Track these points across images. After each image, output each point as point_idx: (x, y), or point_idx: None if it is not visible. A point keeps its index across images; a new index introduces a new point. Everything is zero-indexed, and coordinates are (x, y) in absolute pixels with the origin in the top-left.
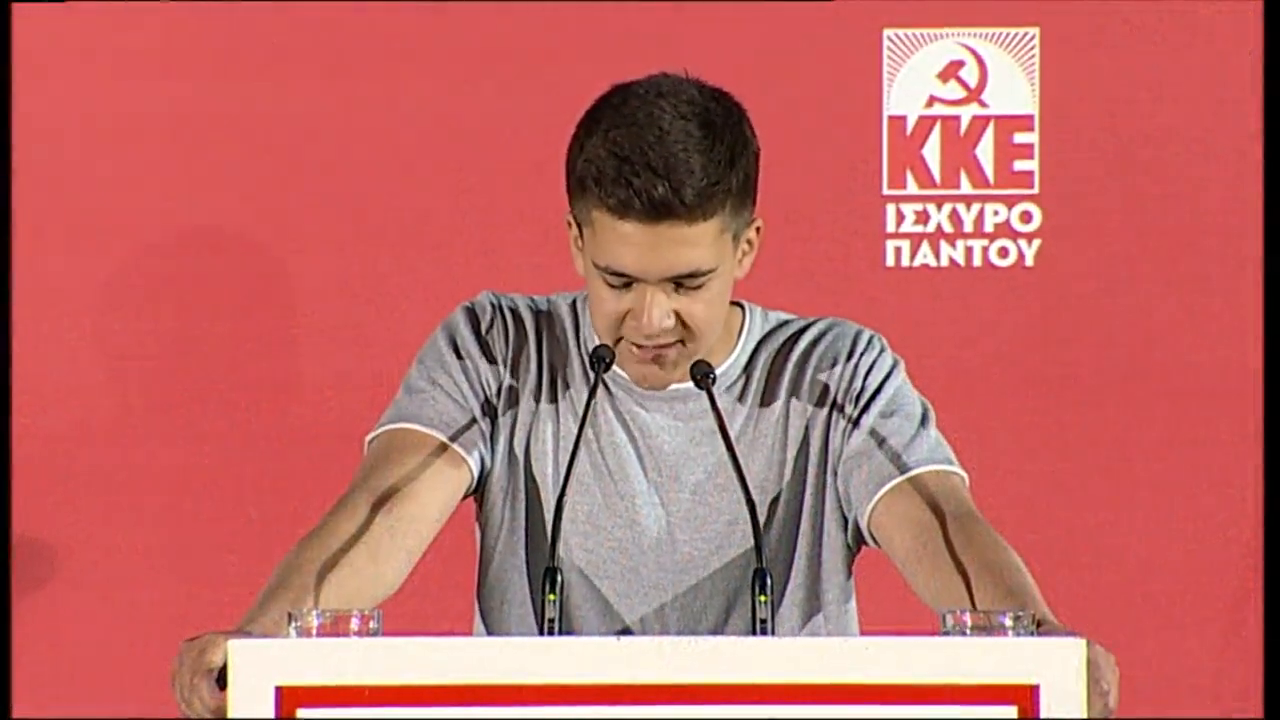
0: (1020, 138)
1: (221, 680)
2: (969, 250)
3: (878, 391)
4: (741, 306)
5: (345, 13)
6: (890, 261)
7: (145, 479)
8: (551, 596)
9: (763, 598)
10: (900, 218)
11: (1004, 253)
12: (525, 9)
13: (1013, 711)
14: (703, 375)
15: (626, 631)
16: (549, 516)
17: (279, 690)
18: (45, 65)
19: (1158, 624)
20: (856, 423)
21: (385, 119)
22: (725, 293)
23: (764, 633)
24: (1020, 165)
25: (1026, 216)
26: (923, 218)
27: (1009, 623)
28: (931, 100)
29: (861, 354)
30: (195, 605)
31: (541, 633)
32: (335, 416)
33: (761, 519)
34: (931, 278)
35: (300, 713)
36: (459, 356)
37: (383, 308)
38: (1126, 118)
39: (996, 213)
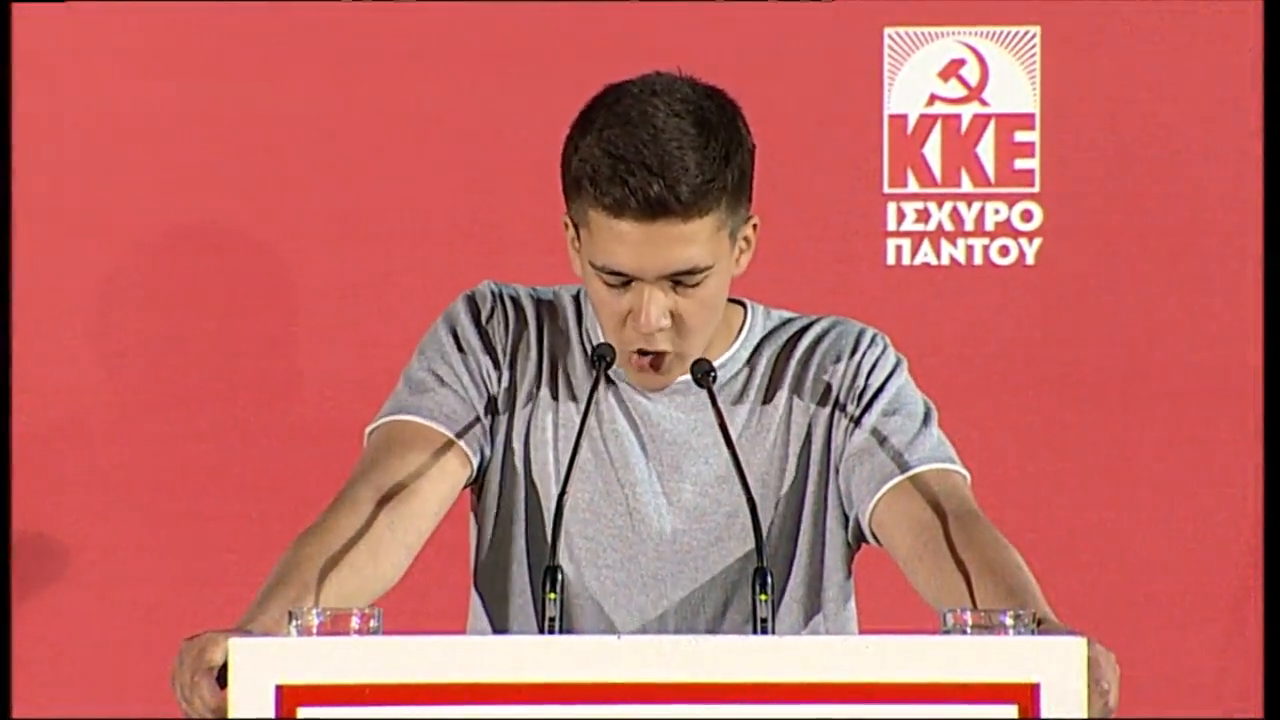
0: (1021, 136)
1: (222, 679)
2: (970, 249)
3: (880, 390)
4: (743, 304)
5: (345, 13)
6: (891, 260)
7: (144, 478)
8: (552, 595)
9: (763, 596)
10: (901, 216)
11: (1005, 251)
12: (525, 9)
13: (1013, 710)
14: (703, 374)
15: (624, 622)
16: (548, 506)
17: (279, 689)
18: (45, 65)
19: (1158, 624)
20: (858, 421)
21: (386, 119)
22: (722, 291)
23: (764, 632)
24: (1021, 164)
25: (1027, 215)
26: (924, 216)
27: (1009, 621)
28: (932, 99)
29: (864, 352)
30: (195, 605)
31: (542, 630)
32: (335, 416)
33: (762, 517)
34: (932, 276)
35: (301, 711)
36: (459, 348)
37: (383, 308)
38: (1126, 117)
39: (997, 211)
